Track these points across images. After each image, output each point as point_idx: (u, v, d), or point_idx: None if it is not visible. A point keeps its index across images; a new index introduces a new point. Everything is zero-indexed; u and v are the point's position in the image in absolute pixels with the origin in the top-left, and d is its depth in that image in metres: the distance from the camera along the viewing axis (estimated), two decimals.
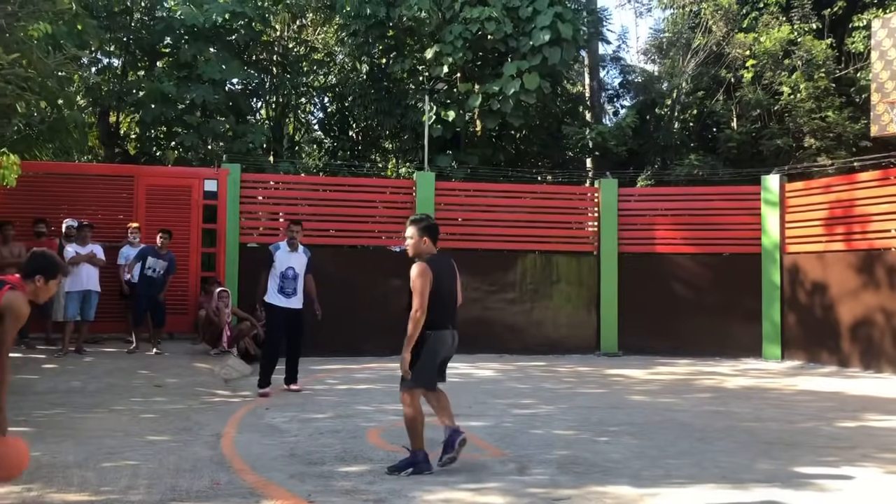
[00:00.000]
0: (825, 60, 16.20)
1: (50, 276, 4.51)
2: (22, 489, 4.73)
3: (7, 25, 8.59)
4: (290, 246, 9.00)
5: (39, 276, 4.47)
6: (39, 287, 4.50)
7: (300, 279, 8.94)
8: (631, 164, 17.39)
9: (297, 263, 8.97)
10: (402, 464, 5.27)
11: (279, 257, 8.91)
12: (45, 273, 4.49)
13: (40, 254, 4.66)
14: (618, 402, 8.57)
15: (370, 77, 18.22)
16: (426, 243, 5.53)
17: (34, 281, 4.46)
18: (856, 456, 6.01)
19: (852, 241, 12.22)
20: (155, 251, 11.06)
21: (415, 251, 5.54)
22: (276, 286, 8.82)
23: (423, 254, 5.51)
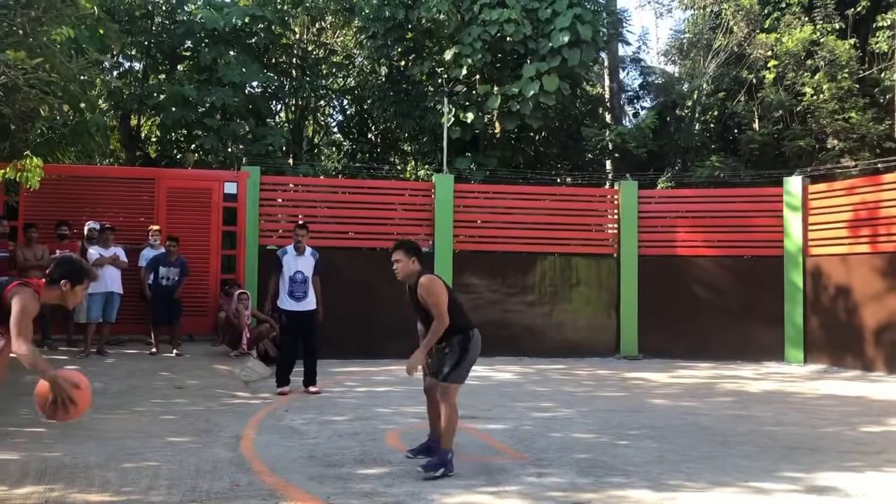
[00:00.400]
0: (848, 61, 16.02)
1: (76, 281, 4.57)
2: (45, 489, 4.77)
3: (31, 30, 8.69)
4: (297, 250, 9.14)
5: (66, 280, 4.53)
6: (66, 292, 4.56)
7: (309, 282, 9.09)
8: (651, 166, 17.28)
9: (305, 267, 9.09)
10: (433, 463, 5.32)
11: (287, 262, 9.06)
12: (72, 278, 4.55)
13: (67, 260, 4.75)
14: (638, 406, 8.51)
15: (389, 79, 18.25)
16: (414, 263, 5.59)
17: (60, 286, 4.52)
18: (880, 461, 5.92)
19: (876, 243, 12.07)
20: (166, 258, 11.13)
21: (405, 274, 5.59)
22: (287, 290, 8.97)
23: (413, 274, 5.56)
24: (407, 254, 5.58)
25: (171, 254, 11.14)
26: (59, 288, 4.55)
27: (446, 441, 5.37)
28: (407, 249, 5.60)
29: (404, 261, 5.57)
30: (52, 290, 4.55)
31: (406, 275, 5.59)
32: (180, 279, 11.16)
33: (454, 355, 5.41)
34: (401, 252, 5.59)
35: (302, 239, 9.14)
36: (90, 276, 4.76)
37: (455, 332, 5.44)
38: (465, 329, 5.47)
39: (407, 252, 5.58)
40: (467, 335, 5.46)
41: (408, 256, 5.57)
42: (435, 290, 5.40)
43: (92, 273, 4.87)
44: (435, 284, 5.44)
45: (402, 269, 5.58)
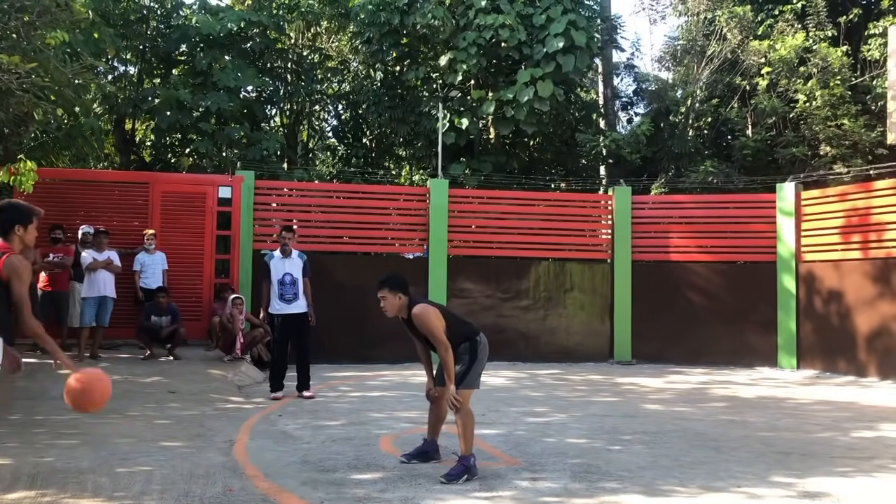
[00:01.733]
0: (841, 68, 16.10)
1: (27, 221, 4.57)
2: (36, 494, 4.76)
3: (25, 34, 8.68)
4: (283, 252, 9.14)
5: (18, 225, 4.53)
6: (21, 235, 4.56)
7: (299, 283, 9.10)
8: (645, 172, 17.32)
9: (293, 269, 9.10)
10: (456, 471, 5.30)
11: (274, 265, 9.10)
12: (20, 221, 4.54)
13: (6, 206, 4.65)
14: (631, 411, 8.52)
15: (384, 84, 18.27)
16: (400, 299, 5.51)
17: (15, 232, 4.51)
18: (872, 467, 5.94)
19: (868, 249, 12.13)
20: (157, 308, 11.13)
21: (394, 311, 5.54)
22: (276, 293, 9.00)
23: (401, 308, 5.52)
24: (392, 290, 5.49)
25: (160, 303, 11.11)
26: (15, 234, 4.53)
27: (467, 447, 5.37)
28: (392, 286, 5.49)
29: (390, 298, 5.50)
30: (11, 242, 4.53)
31: (395, 311, 5.54)
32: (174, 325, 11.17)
33: (463, 363, 5.48)
34: (385, 289, 5.50)
35: (288, 241, 9.15)
36: (36, 212, 4.70)
37: (460, 342, 5.51)
38: (469, 337, 5.56)
39: (392, 289, 5.49)
40: (474, 342, 5.55)
41: (393, 293, 5.49)
42: (428, 322, 5.38)
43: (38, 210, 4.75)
44: (427, 315, 5.40)
45: (390, 305, 5.52)
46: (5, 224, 4.53)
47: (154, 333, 11.03)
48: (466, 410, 5.41)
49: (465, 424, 5.37)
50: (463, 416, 5.38)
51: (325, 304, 11.54)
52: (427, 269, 13.22)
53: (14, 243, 4.53)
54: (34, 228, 4.67)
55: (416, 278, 13.28)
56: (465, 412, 5.40)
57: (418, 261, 13.55)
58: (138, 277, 11.51)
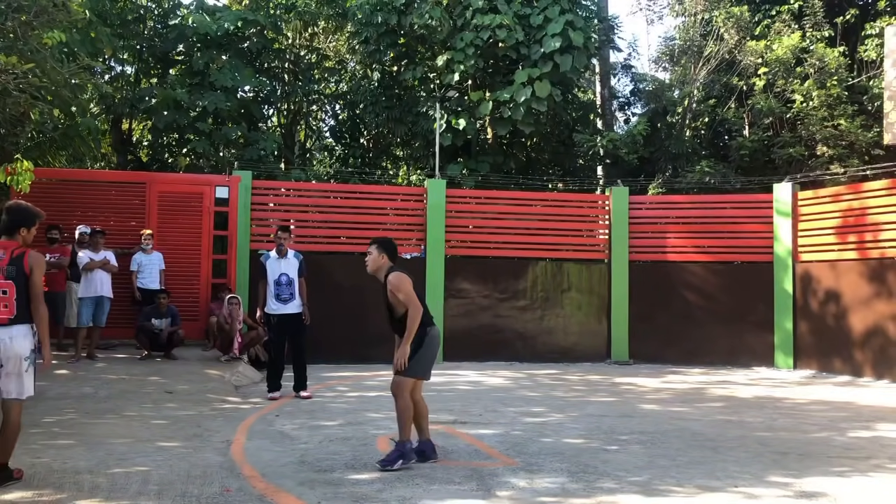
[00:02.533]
0: (838, 68, 16.12)
1: (31, 223, 5.12)
2: (33, 495, 4.75)
3: (22, 34, 8.67)
4: (279, 253, 9.18)
5: (22, 227, 5.07)
6: (24, 235, 5.10)
7: (295, 284, 9.14)
8: (642, 172, 17.33)
9: (289, 269, 9.14)
10: (391, 456, 5.59)
11: (270, 265, 9.13)
12: (24, 223, 5.09)
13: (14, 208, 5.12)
14: (629, 411, 8.53)
15: (381, 84, 18.26)
16: (384, 259, 5.95)
17: (19, 234, 5.05)
18: (869, 466, 5.96)
19: (865, 249, 12.15)
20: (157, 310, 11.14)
21: (375, 266, 5.97)
22: (272, 293, 9.04)
23: (381, 268, 5.94)
24: (379, 249, 5.97)
25: (161, 305, 11.12)
26: (20, 235, 5.06)
27: (403, 433, 5.65)
28: (381, 245, 5.99)
29: (375, 254, 5.95)
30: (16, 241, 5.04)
31: (375, 267, 5.96)
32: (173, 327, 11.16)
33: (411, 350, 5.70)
34: (375, 246, 5.99)
35: (284, 241, 9.19)
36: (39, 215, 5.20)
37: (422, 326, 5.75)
38: (422, 325, 5.75)
39: (380, 247, 5.97)
40: (423, 330, 5.77)
41: (379, 252, 5.95)
42: (402, 284, 5.74)
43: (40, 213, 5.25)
44: (401, 279, 5.76)
45: (373, 260, 5.96)
46: (11, 225, 5.04)
47: (153, 337, 11.01)
48: (406, 400, 5.68)
49: (403, 412, 5.67)
50: (402, 404, 5.67)
51: (323, 304, 11.53)
52: (424, 270, 13.22)
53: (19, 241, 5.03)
54: (34, 230, 5.18)
55: (414, 278, 13.20)
56: (405, 401, 5.68)
57: (416, 261, 13.54)
58: (135, 277, 11.50)
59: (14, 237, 5.02)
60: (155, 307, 11.13)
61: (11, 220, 5.03)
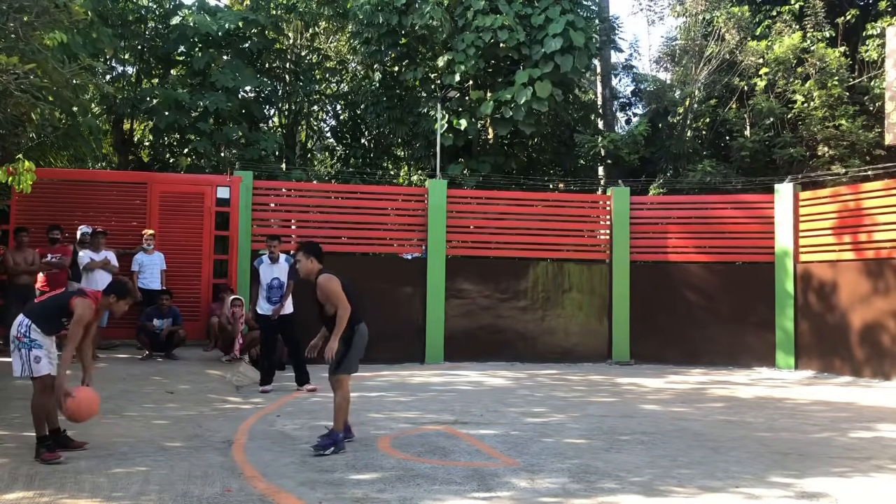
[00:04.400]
0: (838, 68, 16.12)
1: (120, 296, 6.15)
2: (35, 494, 4.76)
3: (23, 35, 8.67)
4: (271, 259, 9.89)
5: (112, 294, 6.15)
6: (112, 303, 6.15)
7: (285, 286, 9.81)
8: (643, 173, 17.34)
9: (281, 273, 9.83)
10: (325, 443, 6.05)
11: (263, 271, 9.88)
12: (118, 294, 6.15)
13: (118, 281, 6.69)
14: (630, 411, 8.53)
15: (382, 85, 18.27)
16: (313, 262, 6.28)
17: (108, 297, 6.13)
18: (870, 467, 5.96)
19: (866, 249, 12.14)
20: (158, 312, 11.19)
21: (306, 271, 6.30)
22: (265, 296, 9.73)
23: (313, 272, 6.27)
24: (306, 254, 6.27)
25: (161, 307, 11.15)
26: (108, 299, 6.12)
27: (337, 424, 6.16)
28: (306, 250, 6.30)
29: (303, 260, 6.27)
30: (105, 299, 6.11)
31: (306, 272, 6.29)
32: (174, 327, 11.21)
33: (339, 353, 6.16)
34: (301, 252, 6.30)
35: (274, 250, 9.90)
36: (133, 296, 6.36)
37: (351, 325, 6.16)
38: (354, 322, 6.19)
39: (306, 252, 6.28)
40: (352, 329, 6.19)
41: (306, 256, 6.26)
42: (329, 286, 6.08)
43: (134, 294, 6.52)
44: (329, 281, 6.09)
45: (303, 267, 6.28)
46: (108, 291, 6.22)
47: (154, 337, 11.02)
48: (344, 394, 6.19)
49: (340, 405, 6.17)
50: (340, 398, 6.17)
51: None
52: (425, 270, 13.22)
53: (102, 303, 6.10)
54: (124, 304, 6.22)
55: (415, 279, 13.29)
56: (343, 395, 6.18)
57: (417, 261, 13.54)
58: (136, 277, 11.50)
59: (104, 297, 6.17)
60: (156, 307, 11.13)
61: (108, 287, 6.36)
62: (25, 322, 5.90)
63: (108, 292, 6.14)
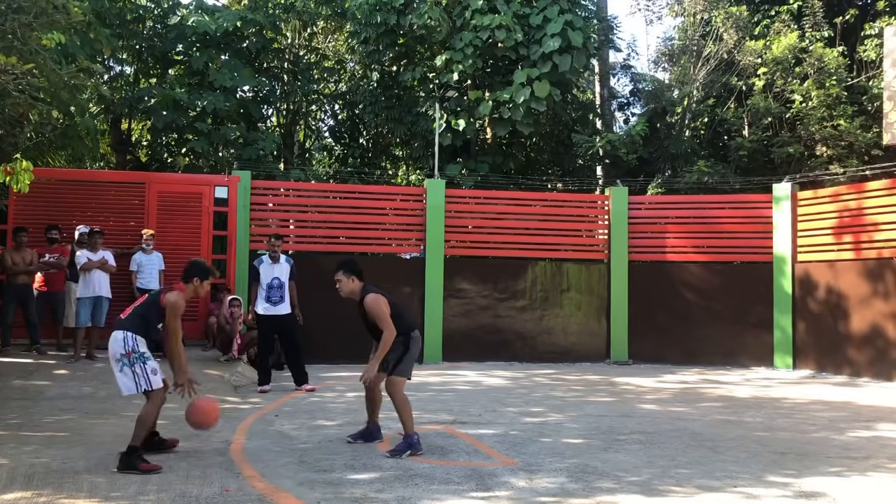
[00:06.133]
0: (837, 68, 16.12)
1: (203, 277, 6.08)
2: (33, 495, 4.75)
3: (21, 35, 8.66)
4: (272, 259, 9.82)
5: (196, 278, 6.04)
6: (198, 286, 6.06)
7: (286, 287, 9.78)
8: (641, 172, 17.33)
9: (281, 273, 9.79)
10: (400, 447, 6.07)
11: (263, 270, 9.79)
12: (200, 276, 6.06)
13: (195, 262, 6.21)
14: (628, 411, 8.53)
15: (381, 84, 18.26)
16: (354, 281, 6.27)
17: (192, 282, 6.02)
18: (868, 466, 5.96)
19: (864, 249, 12.16)
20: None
21: (348, 291, 6.30)
22: (264, 296, 9.68)
23: (355, 291, 6.28)
24: (346, 273, 6.23)
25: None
26: (192, 284, 6.02)
27: (408, 427, 6.13)
28: (346, 270, 6.24)
29: (344, 280, 6.24)
30: (187, 287, 6.02)
31: (349, 292, 6.29)
32: None
33: (397, 353, 6.20)
34: (340, 272, 6.25)
35: (277, 249, 9.84)
36: (213, 272, 6.27)
37: (399, 335, 6.18)
38: (405, 332, 6.24)
39: (346, 272, 6.23)
40: (408, 336, 6.26)
41: (347, 276, 6.23)
42: (378, 307, 6.11)
43: (214, 270, 6.35)
44: (377, 302, 6.13)
45: (344, 287, 6.27)
46: (188, 276, 6.07)
47: None
48: (402, 397, 6.16)
49: (402, 409, 6.13)
50: (400, 402, 6.14)
51: (322, 305, 11.53)
52: (424, 270, 13.22)
53: (188, 290, 6.02)
54: (208, 284, 6.16)
55: (413, 279, 13.28)
56: (402, 399, 6.15)
57: (415, 261, 13.54)
58: (135, 278, 11.49)
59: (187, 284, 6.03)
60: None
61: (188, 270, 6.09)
62: (130, 336, 5.76)
63: (189, 277, 6.02)
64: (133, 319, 5.85)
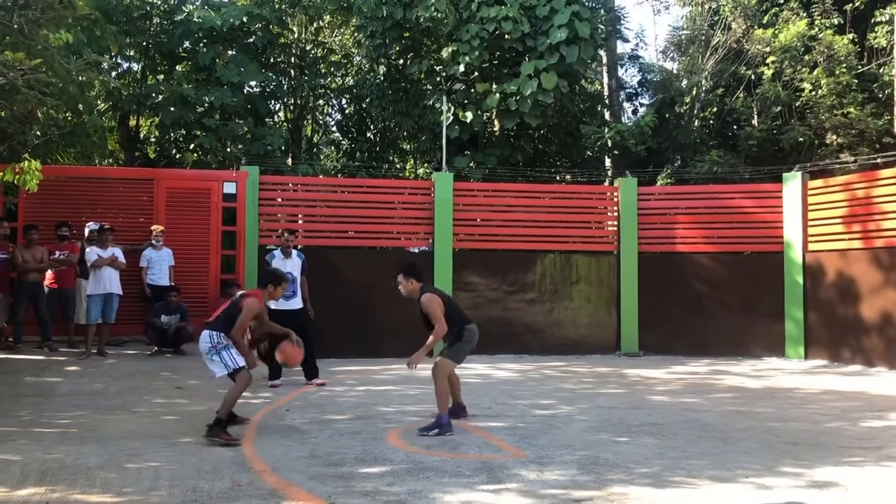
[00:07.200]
0: (847, 56, 16.00)
1: (276, 284, 6.95)
2: (46, 490, 4.78)
3: (29, 32, 8.68)
4: (284, 253, 9.84)
5: (270, 284, 6.94)
6: (271, 291, 6.95)
7: (297, 282, 9.73)
8: (650, 163, 17.26)
9: (293, 268, 9.76)
10: (432, 426, 6.54)
11: (276, 265, 9.66)
12: (272, 282, 6.95)
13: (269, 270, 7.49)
14: (639, 403, 8.51)
15: (387, 78, 18.24)
16: (412, 283, 6.90)
17: (266, 289, 6.91)
18: (882, 456, 5.93)
19: (876, 238, 12.06)
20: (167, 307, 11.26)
21: (407, 292, 6.93)
22: None
23: (414, 292, 6.88)
24: (406, 276, 6.87)
25: (169, 303, 11.19)
26: (267, 290, 6.88)
27: (442, 408, 6.65)
28: (406, 273, 6.88)
29: (404, 282, 6.89)
30: (263, 292, 6.86)
31: (408, 293, 6.92)
32: (182, 323, 11.29)
33: (451, 341, 6.87)
34: (401, 276, 6.88)
35: (290, 243, 9.86)
36: (285, 279, 7.12)
37: (453, 328, 6.80)
38: (460, 325, 6.85)
39: (406, 275, 6.87)
40: (462, 328, 6.86)
41: (406, 279, 6.87)
42: (431, 306, 6.71)
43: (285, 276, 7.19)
44: (432, 301, 6.73)
45: (405, 289, 6.91)
46: (263, 282, 7.04)
47: (161, 333, 11.06)
48: (443, 380, 6.73)
49: (440, 390, 6.70)
50: (440, 383, 6.70)
51: (331, 299, 11.55)
52: (432, 263, 13.20)
53: (264, 295, 6.88)
54: (281, 289, 7.02)
55: (421, 272, 13.24)
56: (443, 382, 6.72)
57: (423, 255, 13.52)
58: (145, 274, 11.53)
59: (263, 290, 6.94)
60: (164, 304, 11.17)
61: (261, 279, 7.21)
62: (215, 333, 6.58)
63: (265, 283, 6.92)
64: (219, 321, 6.67)
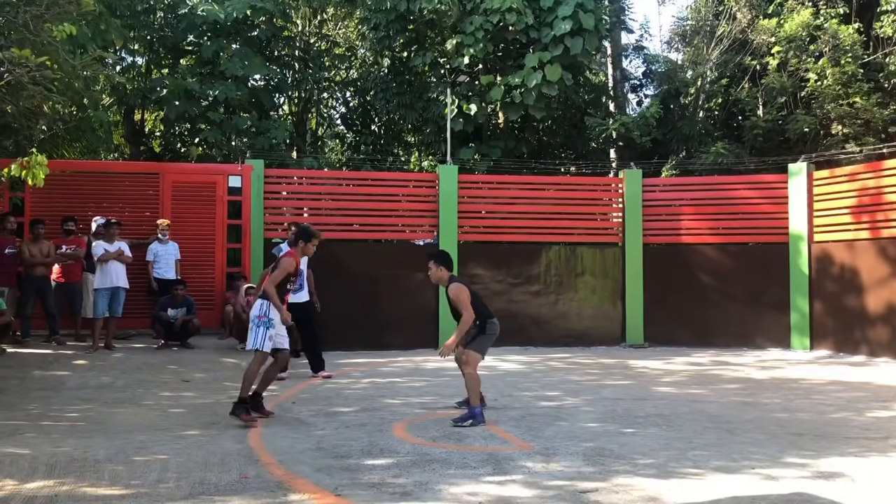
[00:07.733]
0: (852, 45, 15.91)
1: (307, 240, 7.12)
2: (55, 483, 4.81)
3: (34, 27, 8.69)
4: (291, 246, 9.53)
5: (301, 240, 7.11)
6: (303, 247, 7.13)
7: (304, 275, 9.64)
8: (655, 154, 17.22)
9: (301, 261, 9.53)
10: (464, 417, 6.66)
11: None
12: (303, 238, 7.12)
13: (301, 226, 7.34)
14: (644, 394, 8.52)
15: (392, 71, 18.21)
16: (442, 271, 7.13)
17: (299, 245, 7.11)
18: (887, 446, 5.93)
19: (881, 228, 12.04)
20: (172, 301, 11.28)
21: (436, 279, 7.18)
22: None
23: (442, 279, 7.12)
24: (437, 264, 7.13)
25: (176, 296, 11.22)
26: (299, 246, 7.06)
27: (473, 399, 6.77)
28: (437, 260, 7.17)
29: (434, 269, 7.15)
30: (296, 251, 7.04)
31: (437, 279, 7.17)
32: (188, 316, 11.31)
33: (473, 334, 7.05)
34: (432, 262, 7.18)
35: None
36: (316, 234, 7.21)
37: (476, 320, 6.95)
38: (483, 318, 7.03)
39: (437, 262, 7.15)
40: (484, 321, 7.03)
41: (437, 266, 7.13)
42: (461, 295, 6.89)
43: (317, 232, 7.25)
44: (461, 291, 6.91)
45: (433, 275, 7.16)
46: (295, 240, 7.21)
47: (168, 326, 11.10)
48: (472, 372, 6.81)
49: (470, 382, 6.79)
50: (469, 375, 6.82)
51: (337, 292, 11.57)
52: None
53: (297, 252, 7.08)
54: (312, 246, 7.19)
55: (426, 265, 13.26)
56: (472, 374, 6.80)
57: (428, 247, 13.54)
58: (152, 267, 11.57)
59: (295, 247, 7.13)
60: (171, 297, 11.20)
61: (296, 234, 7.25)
62: (266, 303, 6.81)
63: (296, 241, 7.12)
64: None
